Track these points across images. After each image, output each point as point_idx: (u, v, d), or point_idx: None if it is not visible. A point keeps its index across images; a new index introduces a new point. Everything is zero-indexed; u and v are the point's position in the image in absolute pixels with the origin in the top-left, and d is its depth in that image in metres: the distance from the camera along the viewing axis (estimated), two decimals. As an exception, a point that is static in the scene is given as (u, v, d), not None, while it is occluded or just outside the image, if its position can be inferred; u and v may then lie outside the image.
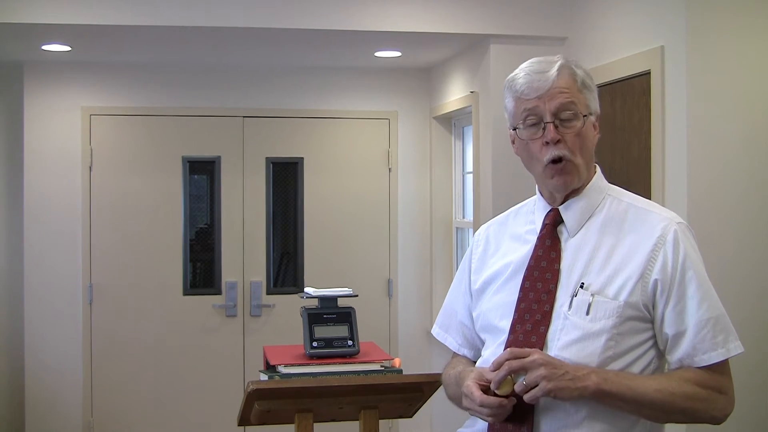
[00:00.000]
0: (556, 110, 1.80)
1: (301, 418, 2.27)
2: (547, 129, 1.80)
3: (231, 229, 5.40)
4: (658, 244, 1.77)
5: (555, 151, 1.80)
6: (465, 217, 5.39)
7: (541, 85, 1.81)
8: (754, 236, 3.17)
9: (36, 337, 5.19)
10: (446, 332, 2.11)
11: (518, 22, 4.30)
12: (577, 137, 1.81)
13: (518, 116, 1.85)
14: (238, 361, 5.38)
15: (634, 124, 3.49)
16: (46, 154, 5.21)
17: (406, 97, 5.58)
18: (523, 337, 1.79)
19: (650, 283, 1.76)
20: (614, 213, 1.85)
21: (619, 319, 1.75)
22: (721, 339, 1.74)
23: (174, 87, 5.36)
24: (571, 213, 1.86)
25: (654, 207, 1.89)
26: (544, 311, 1.79)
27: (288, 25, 4.15)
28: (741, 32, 3.18)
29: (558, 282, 1.81)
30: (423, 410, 2.60)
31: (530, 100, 1.82)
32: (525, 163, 1.90)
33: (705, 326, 1.74)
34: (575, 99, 1.82)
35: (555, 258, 1.83)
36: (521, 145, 1.88)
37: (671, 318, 1.76)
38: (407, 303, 5.58)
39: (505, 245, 1.97)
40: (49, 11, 3.95)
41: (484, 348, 1.93)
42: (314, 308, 2.52)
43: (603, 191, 1.89)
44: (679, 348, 1.76)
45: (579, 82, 1.84)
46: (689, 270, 1.76)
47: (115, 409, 5.25)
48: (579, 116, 1.82)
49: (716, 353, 1.73)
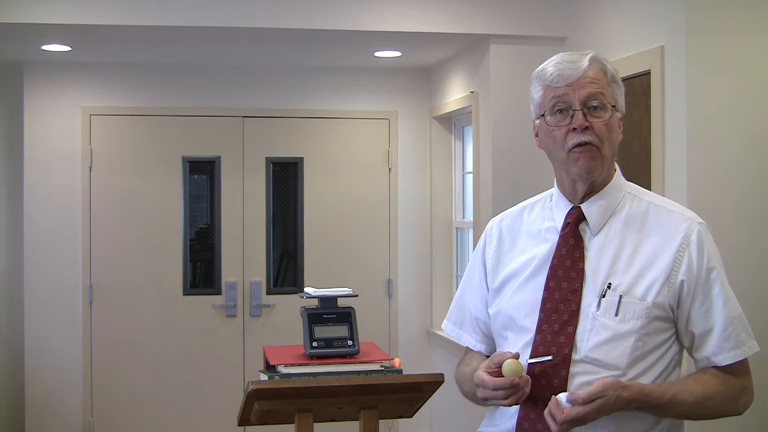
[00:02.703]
0: (585, 99, 1.81)
1: (301, 418, 2.27)
2: (576, 116, 1.81)
3: (231, 229, 5.40)
4: (683, 245, 1.80)
5: (582, 137, 1.81)
6: (465, 217, 5.39)
7: (571, 73, 1.82)
8: (754, 236, 3.17)
9: (36, 337, 5.19)
10: (461, 329, 2.11)
11: (518, 22, 4.30)
12: (605, 127, 1.83)
13: (546, 104, 1.85)
14: (238, 361, 5.38)
15: (634, 124, 3.49)
16: (46, 154, 5.21)
17: (406, 97, 5.58)
18: (551, 337, 1.80)
19: (677, 284, 1.79)
20: (635, 211, 1.87)
21: (647, 319, 1.77)
22: (744, 337, 1.80)
23: (174, 87, 5.36)
24: (593, 211, 1.87)
25: (674, 206, 1.91)
26: (571, 311, 1.80)
27: (288, 25, 4.15)
28: (741, 32, 3.18)
29: (583, 281, 1.82)
30: (423, 410, 2.60)
31: (560, 88, 1.83)
32: (549, 152, 1.90)
33: (730, 325, 1.79)
34: (604, 91, 1.84)
35: (579, 257, 1.84)
36: (546, 132, 1.87)
37: (698, 317, 1.79)
38: (407, 303, 5.58)
39: (523, 241, 1.97)
40: (49, 11, 3.95)
41: (507, 346, 1.91)
42: (314, 308, 2.52)
43: (623, 189, 1.91)
44: (706, 346, 1.80)
45: (609, 75, 1.86)
46: (714, 270, 1.80)
47: (115, 409, 5.25)
48: (608, 107, 1.84)
49: (740, 351, 1.79)
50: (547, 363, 1.78)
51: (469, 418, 3.02)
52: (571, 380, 1.77)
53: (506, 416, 1.87)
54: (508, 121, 4.32)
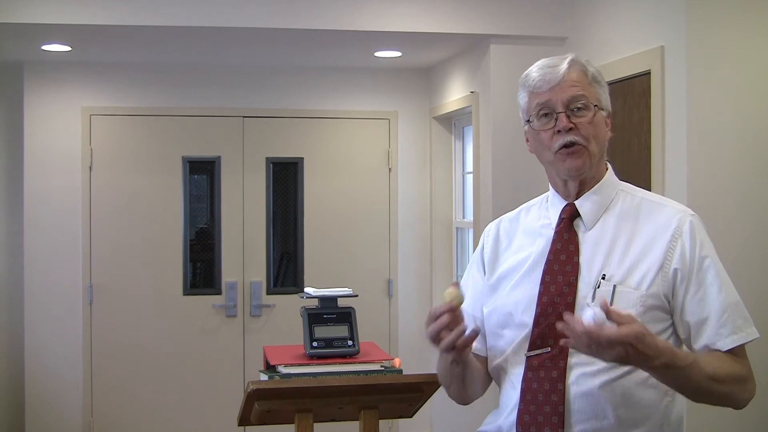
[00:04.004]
0: (567, 101, 1.86)
1: (301, 418, 2.27)
2: (559, 118, 1.85)
3: (231, 229, 5.40)
4: (675, 234, 1.82)
5: (567, 137, 1.85)
6: (465, 217, 5.39)
7: (552, 77, 1.86)
8: (754, 236, 3.17)
9: (36, 337, 5.18)
10: None
11: (518, 22, 4.30)
12: (590, 125, 1.86)
13: (531, 109, 1.90)
14: (238, 361, 5.38)
15: (634, 124, 3.49)
16: (46, 154, 5.21)
17: (406, 97, 5.58)
18: (549, 329, 1.82)
19: (670, 273, 1.80)
20: (629, 206, 1.90)
21: (643, 308, 1.78)
22: (741, 323, 1.79)
23: (174, 87, 5.36)
24: (587, 207, 1.90)
25: (667, 201, 1.94)
26: (567, 303, 1.82)
27: (288, 25, 4.15)
28: (741, 32, 3.18)
29: (578, 274, 1.84)
30: (423, 410, 2.60)
31: (543, 93, 1.87)
32: (538, 155, 1.95)
33: (726, 311, 1.79)
34: (586, 92, 1.87)
35: (574, 251, 1.87)
36: (533, 135, 1.92)
37: (692, 306, 1.80)
38: (407, 303, 5.58)
39: (519, 240, 2.00)
40: (49, 11, 3.95)
41: (502, 344, 1.92)
42: (314, 308, 2.52)
43: (616, 187, 1.94)
44: (704, 334, 1.79)
45: (589, 76, 1.90)
46: (707, 258, 1.82)
47: (115, 409, 5.25)
48: (590, 107, 1.87)
49: (739, 336, 1.78)
50: (545, 355, 1.80)
51: (469, 418, 3.02)
52: (570, 371, 1.79)
53: (506, 411, 1.89)
54: (508, 121, 4.32)
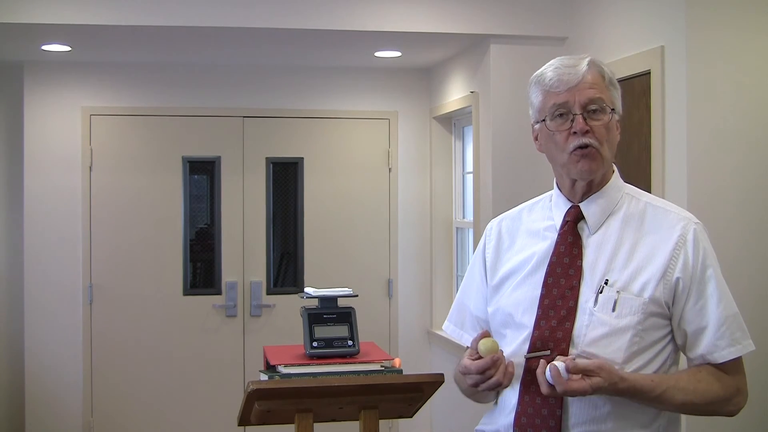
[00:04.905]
0: (585, 103, 1.84)
1: (301, 418, 2.27)
2: (576, 120, 1.84)
3: (231, 229, 5.40)
4: (679, 243, 1.82)
5: (582, 139, 1.84)
6: (465, 217, 5.39)
7: (571, 78, 1.85)
8: (754, 236, 3.17)
9: (36, 337, 5.19)
10: (462, 329, 2.12)
11: (518, 22, 4.30)
12: (605, 129, 1.86)
13: (546, 109, 1.88)
14: (238, 361, 5.38)
15: (634, 124, 3.49)
16: (46, 154, 5.21)
17: (406, 97, 5.58)
18: (549, 332, 1.82)
19: (672, 281, 1.81)
20: (633, 211, 1.90)
21: (644, 315, 1.79)
22: (739, 336, 1.81)
23: (174, 87, 5.36)
24: (592, 209, 1.90)
25: (671, 206, 1.94)
26: (569, 307, 1.82)
27: (288, 25, 4.15)
28: (741, 32, 3.18)
29: (581, 278, 1.84)
30: (423, 410, 2.60)
31: (560, 94, 1.85)
32: (549, 155, 1.93)
33: (724, 323, 1.80)
34: (603, 95, 1.87)
35: (577, 254, 1.87)
36: (547, 136, 1.90)
37: (692, 315, 1.81)
38: (407, 303, 5.58)
39: (522, 240, 1.99)
40: (49, 11, 3.96)
41: (505, 344, 1.92)
42: (314, 308, 2.52)
43: (621, 190, 1.94)
44: (700, 345, 1.81)
45: (607, 79, 1.90)
46: (709, 268, 1.82)
47: (115, 409, 5.25)
48: (606, 110, 1.86)
49: (735, 349, 1.80)
50: (545, 358, 1.80)
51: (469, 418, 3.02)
52: None
53: (504, 412, 1.89)
54: (508, 121, 4.32)
